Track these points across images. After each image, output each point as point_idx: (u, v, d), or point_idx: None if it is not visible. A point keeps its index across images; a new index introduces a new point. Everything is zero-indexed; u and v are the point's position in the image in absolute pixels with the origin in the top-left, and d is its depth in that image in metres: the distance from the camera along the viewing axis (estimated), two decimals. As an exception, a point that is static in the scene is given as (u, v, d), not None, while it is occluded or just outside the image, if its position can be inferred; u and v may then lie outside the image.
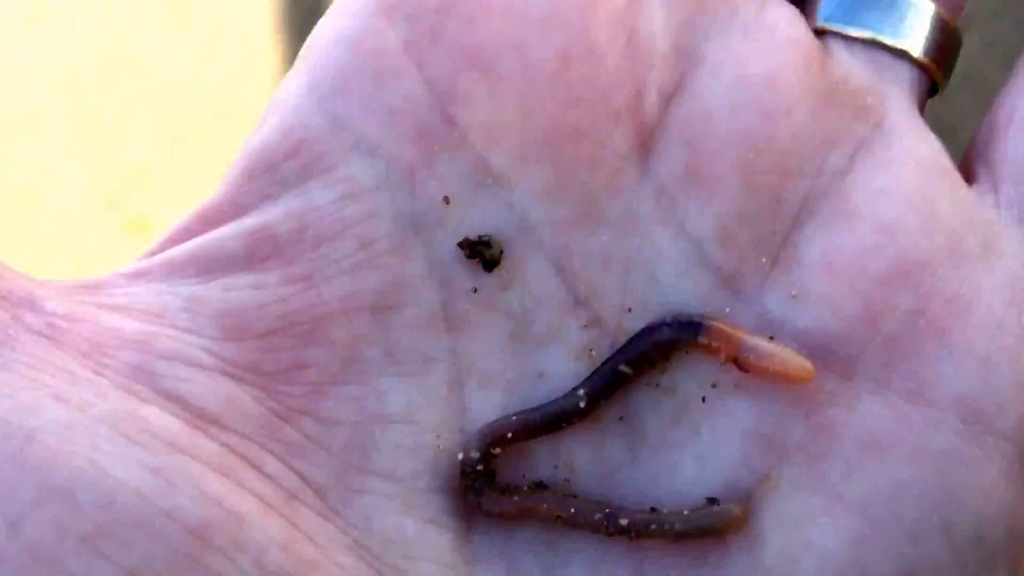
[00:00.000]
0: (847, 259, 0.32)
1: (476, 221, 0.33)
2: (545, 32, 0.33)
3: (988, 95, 0.36)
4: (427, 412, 0.32)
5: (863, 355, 0.32)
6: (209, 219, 0.33)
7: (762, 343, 0.31)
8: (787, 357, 0.31)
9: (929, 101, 0.36)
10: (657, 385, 0.32)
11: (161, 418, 0.30)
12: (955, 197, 0.33)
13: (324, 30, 0.34)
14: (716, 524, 0.31)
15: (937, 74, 0.35)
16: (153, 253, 0.33)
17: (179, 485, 0.28)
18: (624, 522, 0.31)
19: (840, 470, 0.31)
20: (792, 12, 0.34)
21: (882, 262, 0.32)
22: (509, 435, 0.32)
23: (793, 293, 0.32)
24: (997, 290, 0.32)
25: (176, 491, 0.28)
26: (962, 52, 0.36)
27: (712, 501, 0.31)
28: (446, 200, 0.33)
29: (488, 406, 0.32)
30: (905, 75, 0.35)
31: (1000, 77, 0.36)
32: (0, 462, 0.28)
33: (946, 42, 0.35)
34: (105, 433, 0.29)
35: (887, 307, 0.32)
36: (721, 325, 0.32)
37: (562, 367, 0.33)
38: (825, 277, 0.32)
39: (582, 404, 0.32)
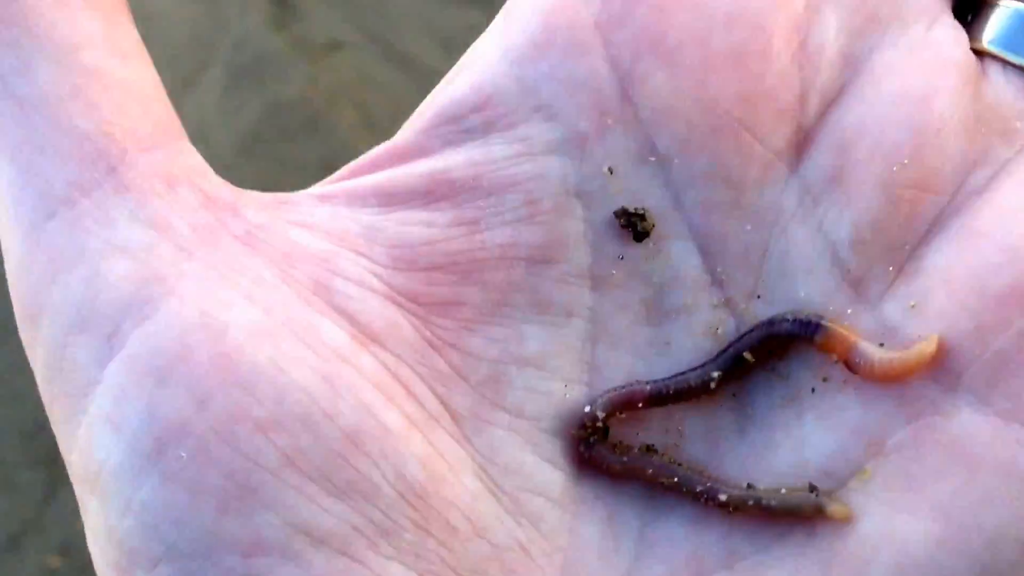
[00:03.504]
0: (967, 276, 0.34)
1: (634, 194, 0.35)
2: (727, 28, 0.35)
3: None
4: (560, 361, 0.35)
5: (969, 370, 0.33)
6: (395, 156, 0.36)
7: (872, 350, 0.34)
8: (891, 366, 0.33)
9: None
10: (772, 369, 0.35)
11: (332, 330, 0.33)
12: None
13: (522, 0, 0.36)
14: (811, 509, 0.33)
15: None
16: (341, 179, 0.36)
17: (341, 392, 0.32)
18: (723, 497, 0.34)
19: (931, 474, 0.33)
20: (958, 32, 0.36)
21: (1000, 282, 0.33)
22: (639, 403, 0.34)
23: (912, 304, 0.34)
24: None
25: (338, 397, 0.32)
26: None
27: (813, 488, 0.34)
28: (610, 171, 0.35)
29: (615, 365, 0.35)
30: None
31: None
32: (197, 348, 0.32)
33: None
34: (285, 336, 0.32)
35: (999, 326, 0.33)
36: (837, 328, 0.34)
37: (688, 341, 0.35)
38: (943, 291, 0.34)
39: (713, 384, 0.34)
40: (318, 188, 0.36)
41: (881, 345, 0.34)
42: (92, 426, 0.32)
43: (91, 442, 0.32)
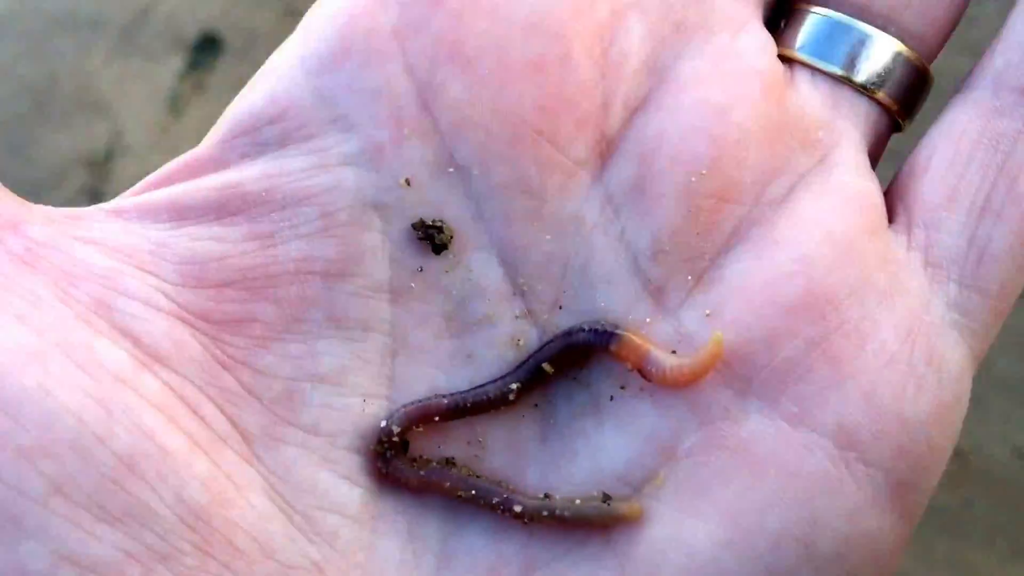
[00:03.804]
0: (761, 285, 0.34)
1: (432, 205, 0.35)
2: (526, 36, 0.34)
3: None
4: (358, 377, 0.34)
5: (758, 376, 0.34)
6: (190, 169, 0.35)
7: (664, 357, 0.34)
8: (680, 372, 0.33)
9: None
10: (575, 379, 0.35)
11: (112, 351, 0.32)
12: (873, 236, 0.35)
13: (321, 7, 0.36)
14: (605, 518, 0.33)
15: (900, 114, 0.37)
16: (136, 194, 0.35)
17: (116, 415, 0.31)
18: (518, 509, 0.33)
19: (719, 478, 0.33)
20: (764, 40, 0.36)
21: (792, 291, 0.34)
22: (436, 417, 0.34)
23: (707, 312, 0.34)
24: (894, 326, 0.34)
25: (113, 420, 0.31)
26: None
27: (606, 497, 0.33)
28: (407, 182, 0.35)
29: (415, 379, 0.35)
30: (863, 112, 0.36)
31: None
32: None
33: (913, 84, 0.37)
34: (57, 358, 0.31)
35: (789, 334, 0.34)
36: (631, 337, 0.34)
37: (491, 352, 0.35)
38: (738, 300, 0.34)
39: (512, 396, 0.34)
40: (112, 203, 0.35)
41: (674, 352, 0.34)
42: None
43: None
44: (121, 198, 0.35)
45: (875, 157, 0.37)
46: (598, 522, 0.33)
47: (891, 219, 0.36)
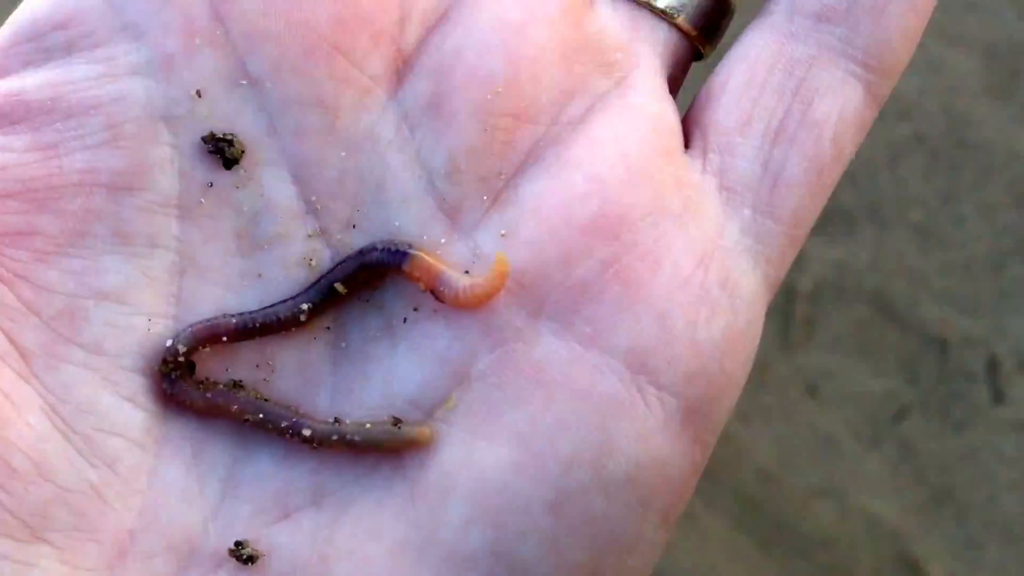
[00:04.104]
0: (555, 205, 0.34)
1: (224, 119, 0.34)
2: None
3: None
4: (143, 295, 0.33)
5: (552, 298, 0.34)
6: None
7: (456, 277, 0.33)
8: (471, 293, 0.33)
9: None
10: (367, 301, 0.34)
11: None
12: (669, 158, 0.35)
13: None
14: (394, 442, 0.33)
15: (700, 41, 0.37)
16: None
17: None
18: (307, 432, 0.33)
19: (511, 401, 0.33)
20: None
21: (586, 212, 0.34)
22: (224, 337, 0.33)
23: (503, 232, 0.34)
24: (688, 250, 0.34)
25: None
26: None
27: (397, 421, 0.33)
28: (198, 93, 0.33)
29: (203, 298, 0.34)
30: (662, 37, 0.36)
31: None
32: None
33: (713, 11, 0.37)
34: None
35: (582, 254, 0.34)
36: (423, 257, 0.33)
37: (281, 273, 0.34)
38: (533, 221, 0.34)
39: (303, 317, 0.33)
40: None
41: (467, 273, 0.34)
42: None
43: None
44: None
45: (676, 83, 0.37)
46: (389, 446, 0.33)
47: (688, 143, 0.36)
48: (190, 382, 0.33)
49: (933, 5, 0.35)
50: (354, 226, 0.34)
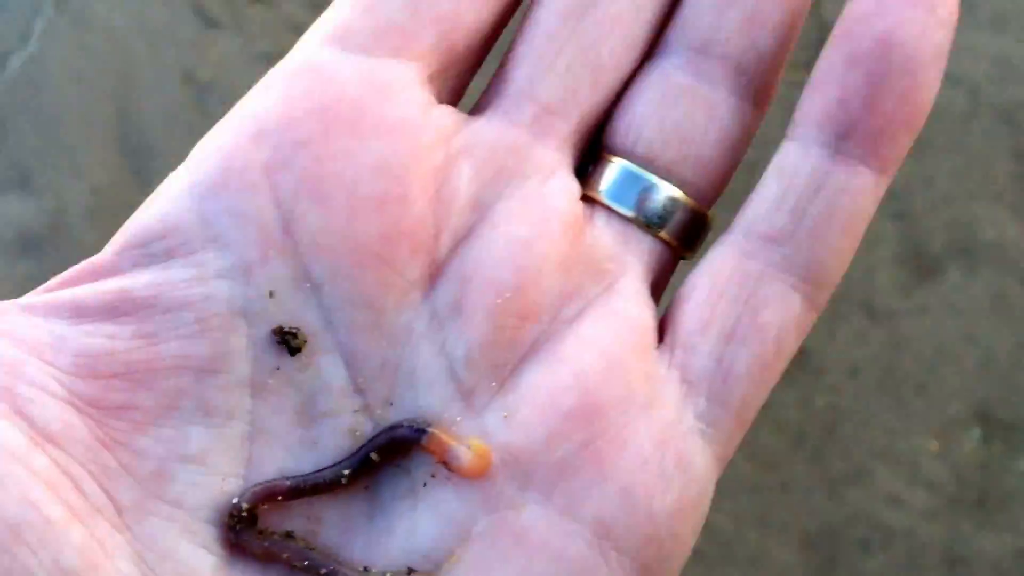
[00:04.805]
0: (545, 394, 0.41)
1: (291, 314, 0.42)
2: (373, 177, 0.41)
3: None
4: (219, 458, 0.41)
5: (537, 472, 0.41)
6: (92, 273, 0.41)
7: (462, 453, 0.40)
8: (469, 465, 0.40)
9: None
10: (398, 466, 0.42)
11: (9, 431, 0.38)
12: (641, 355, 0.42)
13: (209, 141, 0.43)
14: None
15: (680, 250, 0.45)
16: (48, 290, 0.41)
17: (8, 488, 0.37)
18: None
19: (500, 559, 0.40)
20: (569, 185, 0.44)
21: (568, 401, 0.41)
22: (279, 496, 0.41)
23: (504, 414, 0.41)
24: (649, 434, 0.41)
25: (5, 492, 0.37)
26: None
27: (411, 571, 0.40)
28: (271, 294, 0.41)
29: (269, 461, 0.41)
30: (647, 247, 0.44)
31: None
32: None
33: (690, 224, 0.45)
34: None
35: (563, 437, 0.41)
36: (438, 434, 0.41)
37: (333, 440, 0.42)
38: (528, 406, 0.41)
39: (344, 481, 0.41)
40: (26, 298, 0.42)
41: (468, 448, 0.41)
42: None
43: None
44: (32, 295, 0.42)
45: (660, 285, 0.44)
46: None
47: (661, 339, 0.43)
48: (252, 532, 0.40)
49: (863, 231, 0.42)
50: (391, 404, 0.42)
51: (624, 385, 0.41)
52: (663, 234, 0.44)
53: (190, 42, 1.27)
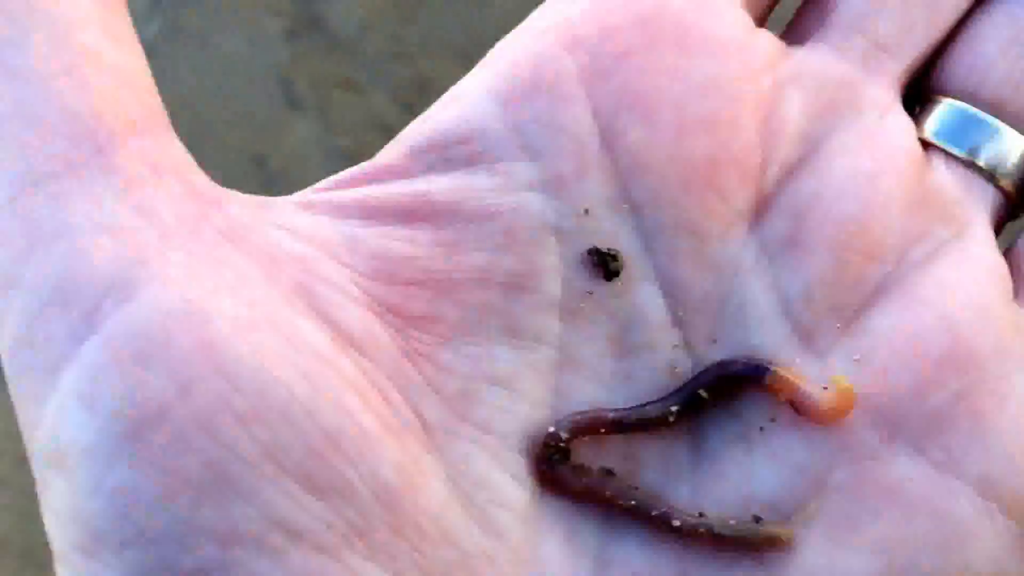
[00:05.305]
0: (908, 338, 0.37)
1: (606, 235, 0.38)
2: (702, 95, 0.38)
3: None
4: (527, 384, 0.37)
5: (907, 423, 0.37)
6: (375, 175, 0.38)
7: (816, 392, 0.36)
8: (832, 405, 0.36)
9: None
10: (725, 408, 0.38)
11: (313, 331, 0.34)
12: (1007, 306, 0.39)
13: (510, 47, 0.39)
14: (757, 539, 0.35)
15: (1018, 201, 0.41)
16: (321, 190, 0.37)
17: (322, 391, 0.33)
18: (676, 523, 0.36)
19: (870, 514, 0.36)
20: (907, 123, 0.40)
21: (938, 346, 0.37)
22: (602, 428, 0.36)
23: (856, 357, 0.38)
24: None
25: (319, 396, 0.33)
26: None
27: (757, 519, 0.36)
28: (586, 211, 0.38)
29: (578, 392, 0.37)
30: (990, 196, 0.40)
31: None
32: (180, 334, 0.32)
33: None
34: (268, 331, 0.33)
35: (935, 386, 0.37)
36: (784, 372, 0.37)
37: (648, 376, 0.38)
38: (886, 349, 0.37)
39: (671, 418, 0.37)
40: (297, 196, 0.37)
41: (825, 389, 0.37)
42: (63, 403, 0.32)
43: (61, 419, 0.32)
44: (305, 193, 0.37)
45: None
46: (752, 543, 0.35)
47: (1017, 297, 0.40)
48: (567, 467, 0.36)
49: None
50: (715, 341, 0.38)
51: (996, 335, 0.38)
52: (1004, 184, 0.40)
53: (268, 121, 1.18)
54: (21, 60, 0.33)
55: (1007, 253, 0.40)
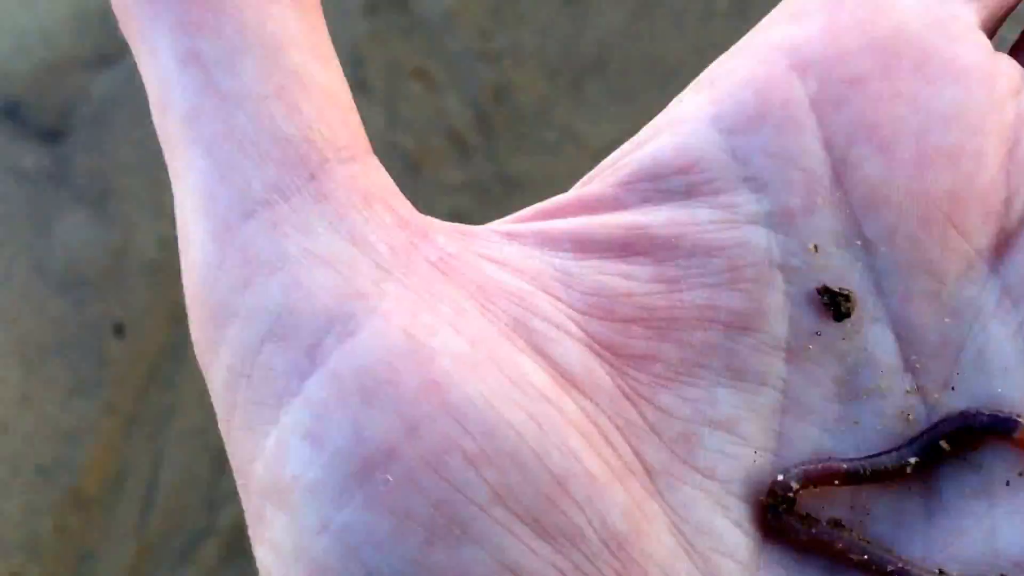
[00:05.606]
0: None
1: (835, 273, 0.36)
2: (945, 126, 0.36)
3: None
4: (750, 428, 0.35)
5: None
6: (587, 206, 0.36)
7: None
8: None
9: None
10: (964, 459, 0.35)
11: (534, 369, 0.33)
12: None
13: (731, 69, 0.37)
14: None
15: None
16: (523, 220, 0.36)
17: (548, 433, 0.32)
18: None
19: None
20: None
21: None
22: (835, 480, 0.35)
23: None
24: None
25: (546, 438, 0.32)
26: None
27: None
28: (815, 248, 0.36)
29: (803, 437, 0.35)
30: None
31: None
32: (405, 372, 0.31)
33: None
34: (491, 370, 0.32)
35: None
36: None
37: (878, 422, 0.36)
38: None
39: (908, 469, 0.35)
40: (502, 226, 0.36)
41: None
42: (285, 438, 0.32)
43: (284, 454, 0.32)
44: (508, 222, 0.36)
45: None
46: None
47: None
48: (795, 516, 0.34)
49: None
50: (952, 388, 0.36)
51: None
52: None
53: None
54: (233, 82, 0.32)
55: None
